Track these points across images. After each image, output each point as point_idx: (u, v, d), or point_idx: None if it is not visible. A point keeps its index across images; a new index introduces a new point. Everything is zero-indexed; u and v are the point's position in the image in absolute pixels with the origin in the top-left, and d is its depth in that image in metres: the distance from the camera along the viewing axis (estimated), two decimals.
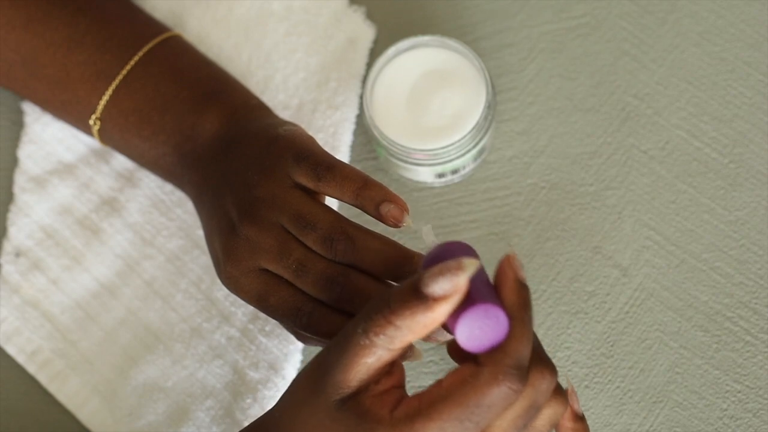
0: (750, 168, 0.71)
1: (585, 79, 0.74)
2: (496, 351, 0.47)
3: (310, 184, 0.60)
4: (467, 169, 0.71)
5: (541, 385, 0.49)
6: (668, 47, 0.74)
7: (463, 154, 0.69)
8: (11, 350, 0.71)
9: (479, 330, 0.48)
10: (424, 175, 0.71)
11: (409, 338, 0.48)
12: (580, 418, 0.56)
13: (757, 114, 0.72)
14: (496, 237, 0.71)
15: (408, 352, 0.59)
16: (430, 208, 0.72)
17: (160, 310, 0.71)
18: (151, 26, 0.70)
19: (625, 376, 0.67)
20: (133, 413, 0.69)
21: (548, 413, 0.51)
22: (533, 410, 0.49)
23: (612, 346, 0.68)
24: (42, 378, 0.71)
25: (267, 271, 0.60)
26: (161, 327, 0.71)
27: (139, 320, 0.71)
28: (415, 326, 0.47)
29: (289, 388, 0.52)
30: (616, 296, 0.69)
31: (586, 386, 0.67)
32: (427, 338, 0.58)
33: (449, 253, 0.49)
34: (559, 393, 0.52)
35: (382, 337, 0.47)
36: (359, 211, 0.62)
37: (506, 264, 0.50)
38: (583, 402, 0.67)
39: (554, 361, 0.68)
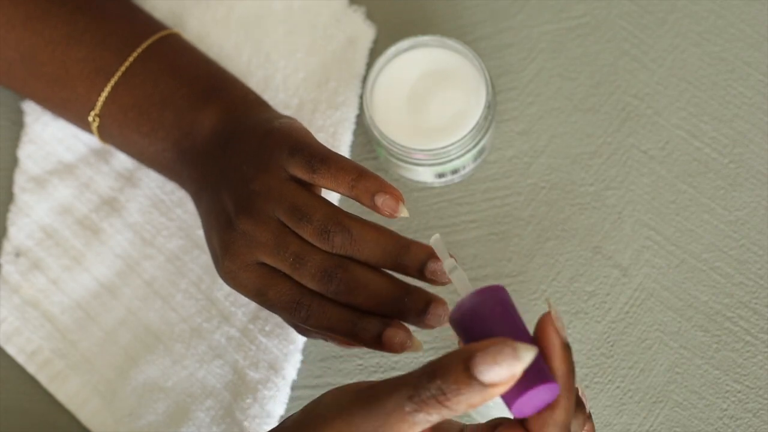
0: (750, 168, 0.71)
1: (585, 79, 0.74)
2: (548, 423, 0.48)
3: (305, 176, 0.60)
4: (467, 169, 0.71)
5: (576, 428, 0.50)
6: (668, 47, 0.74)
7: (463, 154, 0.69)
8: (11, 350, 0.71)
9: (533, 402, 0.47)
10: (424, 175, 0.71)
11: (458, 414, 0.47)
12: (588, 417, 0.56)
13: (757, 114, 0.72)
14: (496, 237, 0.71)
15: (408, 342, 0.59)
16: (430, 208, 0.72)
17: (160, 310, 0.71)
18: (150, 25, 0.70)
19: (625, 376, 0.67)
20: (133, 413, 0.69)
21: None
22: None
23: (612, 346, 0.68)
24: (42, 378, 0.71)
25: (265, 265, 0.60)
26: (161, 327, 0.71)
27: (139, 320, 0.71)
28: (468, 405, 0.46)
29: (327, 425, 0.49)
30: (616, 296, 0.69)
31: (586, 386, 0.67)
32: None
33: (484, 306, 0.48)
34: (588, 419, 0.53)
35: (434, 415, 0.46)
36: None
37: (549, 326, 0.48)
38: None
39: None
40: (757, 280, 0.68)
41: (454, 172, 0.71)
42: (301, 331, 0.63)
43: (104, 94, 0.67)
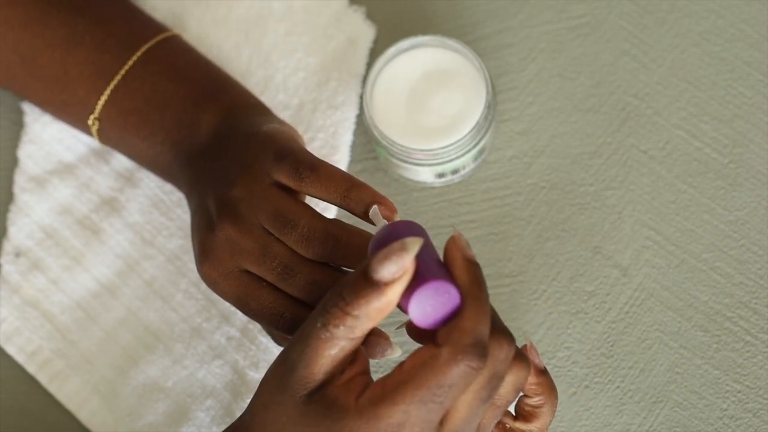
0: (750, 168, 0.71)
1: (585, 79, 0.74)
2: (453, 330, 0.48)
3: (291, 183, 0.60)
4: (467, 169, 0.71)
5: (500, 354, 0.49)
6: (668, 47, 0.74)
7: (463, 154, 0.69)
8: (11, 350, 0.71)
9: (431, 307, 0.48)
10: (424, 175, 0.71)
11: (368, 325, 0.49)
12: (542, 372, 0.56)
13: (757, 114, 0.72)
14: (496, 237, 0.71)
15: (388, 350, 0.59)
16: (430, 208, 0.72)
17: (160, 310, 0.71)
18: (150, 26, 0.70)
19: (625, 376, 0.67)
20: (133, 413, 0.69)
21: (511, 380, 0.52)
22: (496, 380, 0.50)
23: (612, 346, 0.68)
24: (42, 378, 0.71)
25: (248, 272, 0.60)
26: (161, 327, 0.71)
27: (139, 320, 0.71)
28: (372, 312, 0.48)
29: (258, 390, 0.52)
30: (616, 296, 0.69)
31: (586, 386, 0.67)
32: None
33: (395, 233, 0.50)
34: (520, 358, 0.52)
35: (341, 328, 0.48)
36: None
37: (452, 245, 0.50)
38: (583, 402, 0.67)
39: (554, 361, 0.68)
40: (757, 280, 0.68)
41: (454, 172, 0.71)
42: (278, 340, 0.62)
43: (104, 97, 0.67)
